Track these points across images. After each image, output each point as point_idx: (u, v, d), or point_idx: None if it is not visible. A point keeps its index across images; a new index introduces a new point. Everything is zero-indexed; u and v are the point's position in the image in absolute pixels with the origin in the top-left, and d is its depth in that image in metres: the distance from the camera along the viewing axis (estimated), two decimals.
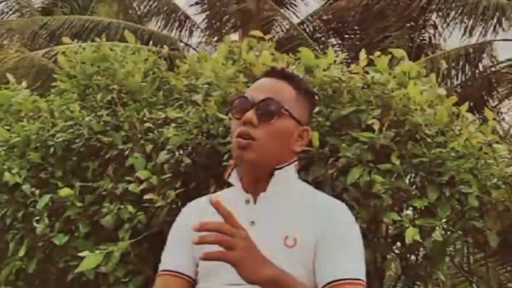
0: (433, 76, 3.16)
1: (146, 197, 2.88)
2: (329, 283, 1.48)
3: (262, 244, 1.51)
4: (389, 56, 3.13)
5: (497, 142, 2.98)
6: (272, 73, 1.65)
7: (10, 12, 14.52)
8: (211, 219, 1.62)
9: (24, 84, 3.95)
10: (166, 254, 1.66)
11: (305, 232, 1.52)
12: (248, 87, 2.87)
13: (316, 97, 2.79)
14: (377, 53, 3.11)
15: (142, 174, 2.96)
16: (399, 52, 3.15)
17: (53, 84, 3.77)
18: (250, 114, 1.53)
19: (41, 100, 3.70)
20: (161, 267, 1.65)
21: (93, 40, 3.84)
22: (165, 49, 3.98)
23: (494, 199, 2.85)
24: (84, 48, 3.57)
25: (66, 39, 3.77)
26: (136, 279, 3.01)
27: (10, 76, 3.94)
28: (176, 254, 1.63)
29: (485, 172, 2.87)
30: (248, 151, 1.52)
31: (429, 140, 2.87)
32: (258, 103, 1.54)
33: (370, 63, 3.09)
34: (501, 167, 2.87)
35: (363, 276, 1.50)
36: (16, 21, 13.23)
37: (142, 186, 2.96)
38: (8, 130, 3.62)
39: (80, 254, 2.82)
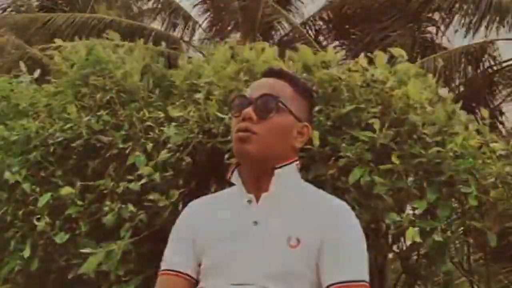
0: (430, 76, 3.16)
1: (149, 197, 2.88)
2: (333, 285, 1.48)
3: (265, 245, 1.51)
4: (388, 54, 3.12)
5: (495, 142, 2.98)
6: (270, 73, 1.68)
7: (9, 10, 14.51)
8: (212, 218, 1.63)
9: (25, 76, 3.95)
10: (168, 253, 1.66)
11: (308, 233, 1.52)
12: (249, 85, 2.88)
13: (315, 95, 2.80)
14: (376, 51, 3.10)
15: (145, 170, 2.96)
16: (398, 51, 3.14)
17: (51, 80, 3.77)
18: (249, 110, 1.55)
19: (40, 95, 3.68)
20: (163, 266, 1.65)
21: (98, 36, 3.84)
22: (163, 45, 3.97)
23: (492, 198, 2.85)
24: (76, 51, 3.57)
25: (58, 41, 3.77)
26: (136, 278, 3.01)
27: (22, 65, 3.96)
28: (178, 253, 1.63)
29: (483, 172, 2.87)
30: (248, 143, 1.53)
31: (427, 139, 2.87)
32: (256, 100, 1.56)
33: (370, 62, 3.09)
34: (499, 166, 2.87)
35: (367, 277, 1.50)
36: (17, 18, 13.20)
37: (143, 181, 2.96)
38: (6, 125, 3.62)
39: (84, 250, 2.82)
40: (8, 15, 13.99)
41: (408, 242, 2.67)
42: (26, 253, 3.23)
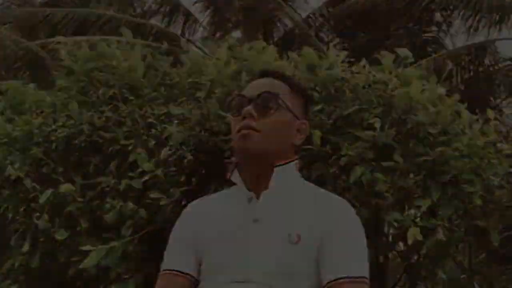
0: (433, 78, 3.17)
1: (152, 196, 2.88)
2: (333, 281, 1.48)
3: (266, 242, 1.52)
4: (394, 55, 3.12)
5: (500, 142, 2.99)
6: (265, 73, 1.70)
7: (13, 7, 14.52)
8: (212, 217, 1.63)
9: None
10: (169, 253, 1.66)
11: (308, 229, 1.53)
12: None
13: (316, 94, 2.81)
14: (383, 52, 3.10)
15: (147, 166, 2.96)
16: (404, 52, 3.13)
17: (54, 80, 3.76)
18: (250, 108, 1.56)
19: (45, 95, 3.69)
20: (164, 266, 1.65)
21: (95, 34, 3.83)
22: (165, 45, 3.96)
23: (497, 198, 2.85)
24: (80, 46, 3.57)
25: (61, 38, 3.76)
26: (137, 276, 3.00)
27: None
28: (179, 253, 1.64)
29: (489, 171, 2.88)
30: (250, 140, 1.54)
31: (431, 138, 2.87)
32: (256, 97, 1.58)
33: (374, 62, 3.09)
34: (504, 166, 2.88)
35: (366, 274, 1.51)
36: (16, 13, 13.18)
37: (145, 178, 2.96)
38: (10, 121, 3.61)
39: (83, 248, 2.82)
40: (8, 10, 14.00)
41: (410, 241, 2.67)
42: (26, 247, 3.23)
